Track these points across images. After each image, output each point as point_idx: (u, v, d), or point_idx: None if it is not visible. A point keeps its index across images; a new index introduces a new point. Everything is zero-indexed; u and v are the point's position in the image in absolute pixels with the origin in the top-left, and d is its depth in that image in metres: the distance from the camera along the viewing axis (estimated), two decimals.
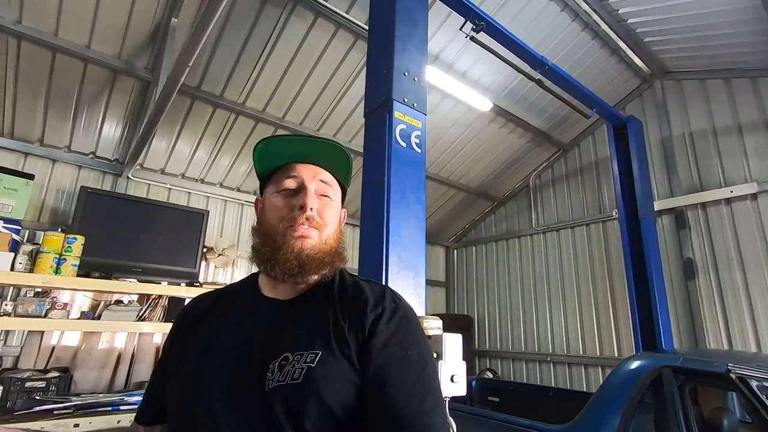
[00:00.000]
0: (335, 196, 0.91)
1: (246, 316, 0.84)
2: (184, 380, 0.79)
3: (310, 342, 0.76)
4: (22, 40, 2.66)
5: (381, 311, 0.79)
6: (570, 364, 4.51)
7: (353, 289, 0.85)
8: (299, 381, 0.70)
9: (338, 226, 0.91)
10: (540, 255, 5.10)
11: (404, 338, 0.77)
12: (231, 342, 0.81)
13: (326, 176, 0.90)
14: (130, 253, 3.16)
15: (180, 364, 0.83)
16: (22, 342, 2.99)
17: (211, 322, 0.86)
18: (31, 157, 3.22)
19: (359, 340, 0.76)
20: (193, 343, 0.84)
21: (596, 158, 4.79)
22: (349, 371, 0.73)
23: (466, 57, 3.62)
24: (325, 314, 0.80)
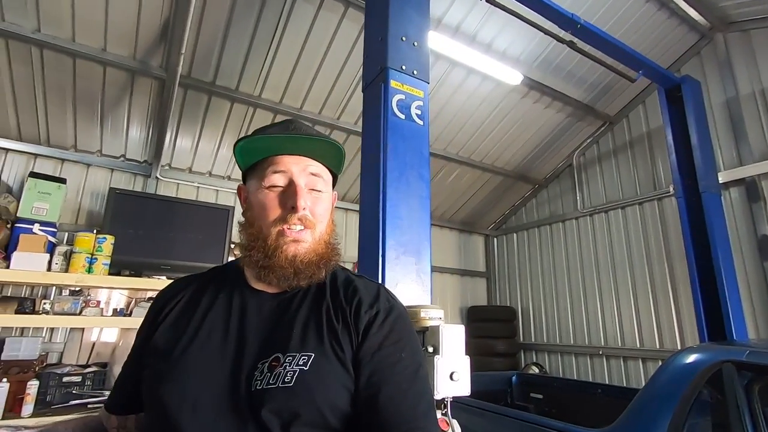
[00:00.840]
0: (326, 188, 0.85)
1: (233, 308, 0.80)
2: (165, 373, 0.73)
3: (303, 343, 0.73)
4: (44, 49, 2.75)
5: (375, 312, 0.77)
6: (625, 358, 4.10)
7: (346, 287, 0.82)
8: (291, 385, 0.68)
9: (330, 218, 0.86)
10: (587, 239, 4.68)
11: (399, 340, 0.76)
12: (217, 335, 0.76)
13: (316, 167, 0.83)
14: (159, 251, 3.23)
15: (160, 355, 0.76)
16: (65, 339, 3.13)
17: (195, 311, 0.80)
18: (67, 163, 3.37)
19: (353, 342, 0.74)
20: (175, 333, 0.78)
21: (648, 129, 4.29)
22: (343, 374, 0.71)
23: (489, 26, 3.34)
24: (318, 314, 0.77)
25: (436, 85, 3.69)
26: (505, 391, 3.41)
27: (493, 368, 4.58)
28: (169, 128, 3.35)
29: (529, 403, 3.24)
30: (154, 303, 0.88)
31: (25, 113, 3.05)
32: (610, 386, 3.01)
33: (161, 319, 0.82)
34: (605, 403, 2.76)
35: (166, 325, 0.81)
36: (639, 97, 4.35)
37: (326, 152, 0.84)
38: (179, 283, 0.89)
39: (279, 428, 0.66)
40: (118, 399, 0.89)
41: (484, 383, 3.35)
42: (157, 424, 0.72)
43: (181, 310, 0.82)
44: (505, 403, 3.30)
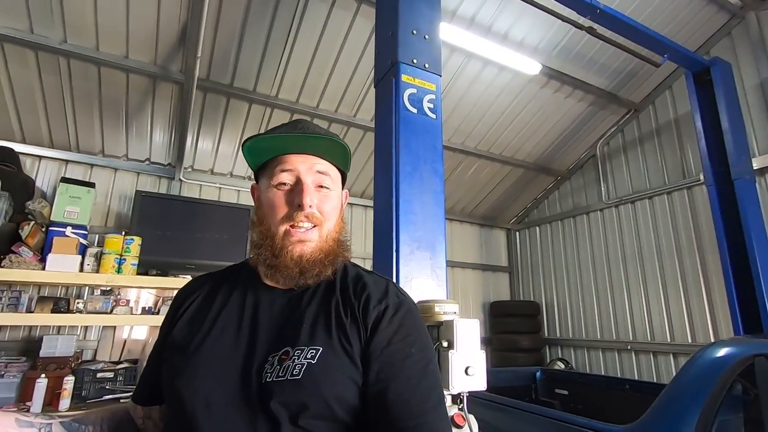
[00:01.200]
0: (334, 185, 0.85)
1: (246, 304, 0.82)
2: (181, 366, 0.76)
3: (312, 337, 0.74)
4: (71, 58, 2.86)
5: (384, 308, 0.77)
6: (655, 353, 3.96)
7: (356, 283, 0.82)
8: (299, 377, 0.69)
9: (340, 214, 0.87)
10: (613, 231, 4.54)
11: (408, 335, 0.76)
12: (230, 330, 0.78)
13: (323, 165, 0.84)
14: (183, 251, 3.32)
15: (177, 349, 0.79)
16: (98, 336, 3.27)
17: (211, 307, 0.83)
18: (95, 168, 3.51)
19: (361, 337, 0.75)
20: (192, 331, 0.81)
21: (676, 115, 4.12)
22: (350, 368, 0.72)
23: (505, 16, 3.27)
24: (327, 309, 0.78)
25: (452, 78, 3.65)
26: (529, 387, 3.35)
27: (517, 364, 4.52)
28: (190, 131, 3.44)
29: (554, 399, 3.18)
30: (174, 300, 0.91)
31: (56, 121, 3.19)
32: (639, 382, 2.92)
33: (179, 315, 0.85)
34: (634, 399, 2.68)
35: (183, 321, 0.84)
36: (665, 83, 4.18)
37: (333, 150, 0.85)
38: (197, 281, 0.93)
39: (287, 420, 0.67)
40: (143, 390, 0.92)
41: (507, 379, 3.31)
42: (175, 415, 0.75)
43: (198, 307, 0.85)
44: (530, 399, 3.25)
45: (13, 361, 2.69)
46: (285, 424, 0.67)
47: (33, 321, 2.83)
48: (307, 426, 0.67)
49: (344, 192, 0.92)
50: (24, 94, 2.97)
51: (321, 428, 0.68)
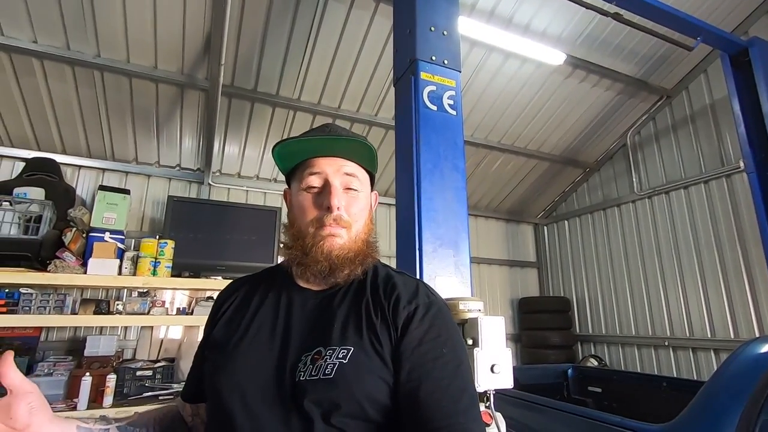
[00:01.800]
0: (362, 187, 0.87)
1: (281, 305, 0.84)
2: (220, 365, 0.80)
3: (343, 337, 0.75)
4: (104, 71, 3.00)
5: (415, 308, 0.77)
6: (695, 349, 3.80)
7: (386, 283, 0.83)
8: (331, 376, 0.70)
9: (368, 216, 0.88)
10: (646, 223, 4.38)
11: (439, 335, 0.76)
12: (266, 330, 0.81)
13: (351, 167, 0.86)
14: (214, 253, 3.43)
15: (217, 348, 0.83)
16: (137, 336, 3.42)
17: (249, 311, 0.86)
18: (130, 175, 3.66)
19: (392, 337, 0.75)
20: (231, 330, 0.84)
21: (712, 100, 3.92)
22: (381, 368, 0.73)
23: (525, 7, 3.20)
24: (358, 309, 0.79)
25: (473, 73, 3.60)
26: (560, 385, 3.28)
27: (548, 361, 4.43)
28: (217, 136, 3.54)
29: (586, 397, 3.11)
30: (215, 301, 0.95)
31: (93, 132, 3.35)
32: (677, 379, 2.82)
33: (220, 316, 0.89)
34: (672, 397, 2.58)
35: (223, 321, 0.88)
36: (699, 67, 3.99)
37: (359, 152, 0.86)
38: (236, 283, 0.96)
39: (320, 418, 0.69)
40: (189, 389, 0.96)
41: (538, 376, 3.26)
42: (215, 410, 0.78)
43: (236, 308, 0.88)
44: (561, 397, 3.19)
45: (61, 360, 2.85)
46: (318, 422, 0.68)
47: (77, 322, 2.99)
48: (339, 424, 0.69)
49: (373, 194, 0.93)
50: (63, 108, 3.13)
51: (353, 427, 0.70)
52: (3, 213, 2.78)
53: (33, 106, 3.06)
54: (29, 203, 2.88)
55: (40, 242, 2.76)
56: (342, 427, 0.69)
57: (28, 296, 2.74)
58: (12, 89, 2.93)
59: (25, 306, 2.71)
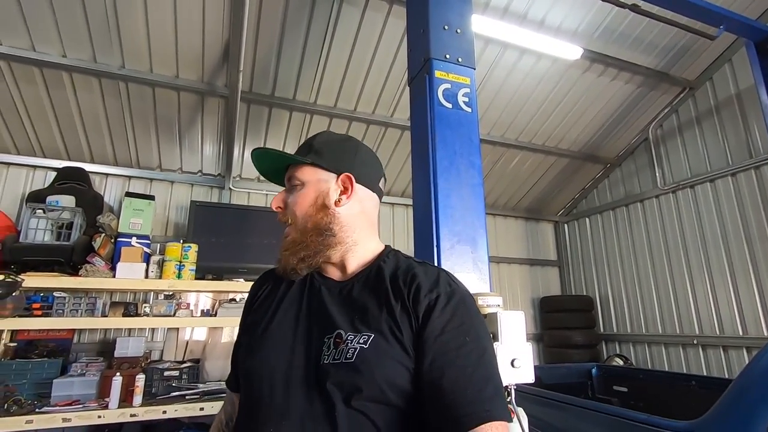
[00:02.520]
0: (303, 180, 0.90)
1: (305, 293, 0.89)
2: (250, 349, 0.86)
3: (364, 324, 0.78)
4: (129, 82, 3.11)
5: (436, 297, 0.78)
6: (725, 348, 3.68)
7: (406, 272, 0.84)
8: (352, 361, 0.73)
9: (314, 204, 0.88)
10: (671, 218, 4.26)
11: (462, 324, 0.76)
12: (290, 316, 0.86)
13: (290, 170, 0.93)
14: (236, 256, 3.50)
15: (249, 335, 0.90)
16: (164, 338, 3.52)
17: (276, 297, 0.91)
18: (155, 182, 3.78)
19: (413, 325, 0.76)
20: (260, 316, 0.90)
21: (737, 90, 3.80)
22: (401, 354, 0.74)
23: (540, 2, 3.18)
24: (378, 297, 0.81)
25: (489, 70, 3.59)
26: (584, 384, 3.23)
27: (571, 361, 4.35)
28: (237, 142, 3.62)
29: (612, 396, 3.04)
30: (250, 291, 1.02)
31: (119, 141, 3.47)
32: (707, 377, 2.73)
33: (252, 304, 0.97)
34: (701, 396, 2.51)
35: (255, 308, 0.95)
36: (723, 56, 3.88)
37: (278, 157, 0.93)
38: (267, 274, 1.02)
39: (341, 400, 0.71)
40: (232, 377, 1.01)
41: (561, 375, 3.21)
42: (245, 392, 0.84)
43: (266, 296, 0.94)
44: (586, 396, 3.13)
45: (93, 361, 2.96)
46: (339, 405, 0.71)
47: (107, 324, 3.09)
48: (360, 407, 0.71)
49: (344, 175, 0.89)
50: (91, 118, 3.26)
51: (373, 410, 0.72)
52: (37, 220, 2.91)
53: (63, 117, 3.20)
54: (61, 211, 3.01)
55: (72, 248, 2.88)
56: (363, 410, 0.71)
57: (62, 300, 2.86)
58: (44, 102, 3.07)
59: (59, 309, 2.83)
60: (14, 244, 2.81)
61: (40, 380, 2.71)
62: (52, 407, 2.50)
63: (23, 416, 2.36)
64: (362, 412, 0.71)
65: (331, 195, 0.89)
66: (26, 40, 2.74)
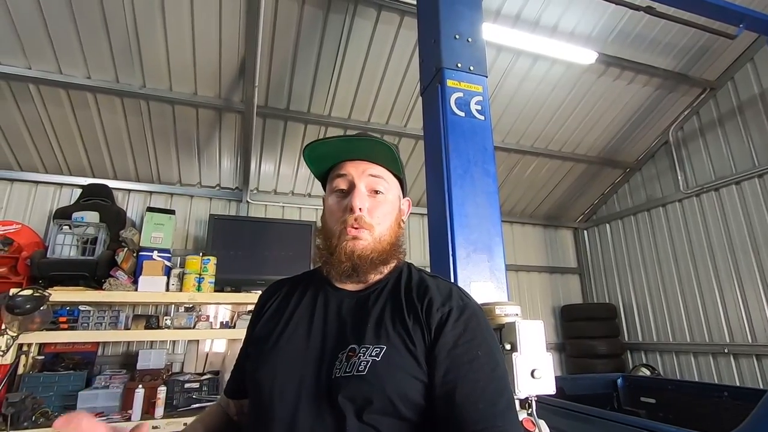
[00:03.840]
0: (389, 190, 0.89)
1: (318, 304, 0.87)
2: (261, 360, 0.83)
3: (376, 336, 0.77)
4: (150, 101, 3.21)
5: (448, 310, 0.78)
6: (759, 356, 3.52)
7: (419, 286, 0.84)
8: (364, 373, 0.72)
9: (395, 220, 0.89)
10: (695, 222, 4.14)
11: (474, 338, 0.76)
12: (303, 328, 0.84)
13: (376, 170, 0.88)
14: (254, 268, 3.54)
15: (258, 345, 0.87)
16: (184, 350, 3.56)
17: (288, 308, 0.90)
18: (175, 196, 3.87)
19: (425, 339, 0.76)
20: (271, 327, 0.88)
21: (761, 89, 3.70)
22: (414, 367, 0.73)
23: (552, 8, 3.17)
24: (391, 310, 0.81)
25: (501, 78, 3.58)
26: (609, 395, 3.13)
27: (595, 371, 4.23)
28: (254, 155, 3.68)
29: (639, 408, 2.94)
30: (258, 300, 0.99)
31: (140, 158, 3.58)
32: (740, 388, 2.62)
33: (262, 315, 0.93)
34: (734, 408, 2.40)
35: (264, 319, 0.92)
36: (745, 55, 3.78)
37: (382, 154, 0.87)
38: (277, 284, 1.00)
39: (353, 414, 0.71)
40: (232, 384, 1.00)
41: (585, 386, 3.11)
42: (255, 404, 0.82)
43: (277, 307, 0.92)
44: (611, 408, 3.03)
45: (116, 373, 3.01)
46: (350, 418, 0.70)
47: (130, 337, 3.15)
48: (371, 421, 0.70)
49: (406, 200, 0.96)
50: (114, 137, 3.37)
51: (385, 424, 0.71)
52: (64, 236, 3.01)
53: (88, 136, 3.32)
54: (86, 226, 3.10)
55: (96, 262, 2.97)
56: (374, 424, 0.70)
57: (86, 313, 2.93)
58: (70, 122, 3.19)
59: (84, 322, 2.90)
60: (42, 259, 2.90)
61: (66, 392, 2.78)
62: None
63: (50, 428, 2.42)
64: (373, 426, 0.70)
65: (402, 214, 0.94)
66: (54, 64, 2.87)
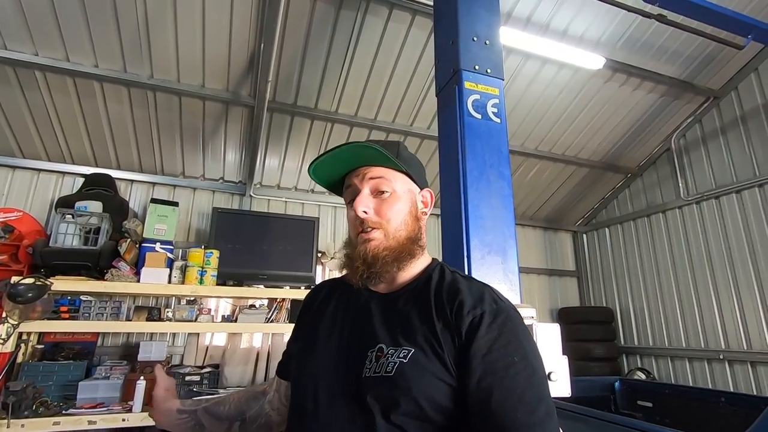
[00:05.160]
0: (394, 187, 0.89)
1: (350, 307, 0.91)
2: (300, 360, 0.90)
3: (405, 338, 0.77)
4: (157, 92, 3.19)
5: (481, 314, 0.76)
6: (753, 363, 3.57)
7: (450, 287, 0.83)
8: (392, 375, 0.73)
9: (409, 214, 0.89)
10: (695, 230, 4.18)
11: (509, 343, 0.74)
12: (337, 330, 0.88)
13: (376, 171, 0.89)
14: (256, 262, 3.53)
15: (300, 345, 0.94)
16: (184, 343, 3.55)
17: (327, 309, 0.94)
18: (178, 188, 3.85)
19: (455, 342, 0.75)
20: (312, 325, 0.94)
21: (765, 100, 3.73)
22: (441, 370, 0.73)
23: (563, 12, 3.18)
24: (420, 311, 0.81)
25: (510, 80, 3.59)
26: (607, 398, 3.16)
27: (591, 374, 4.27)
28: (259, 150, 3.67)
29: (636, 411, 2.98)
30: (304, 301, 1.05)
31: (144, 148, 3.56)
32: (737, 394, 2.65)
33: (306, 315, 1.00)
34: (731, 414, 2.44)
35: (307, 320, 0.98)
36: (750, 65, 3.82)
37: (373, 155, 0.87)
38: (319, 286, 1.06)
39: (380, 414, 0.72)
40: (281, 367, 1.06)
41: (583, 389, 3.14)
42: (294, 402, 0.87)
43: (317, 308, 0.97)
44: (609, 410, 3.07)
45: (117, 364, 3.00)
46: (379, 419, 0.72)
47: (132, 328, 3.14)
48: (398, 422, 0.71)
49: (425, 191, 0.96)
50: (119, 127, 3.35)
51: (412, 426, 0.71)
52: (66, 225, 2.98)
53: (93, 125, 3.29)
54: (89, 216, 3.08)
55: (99, 252, 2.94)
56: (401, 425, 0.71)
57: (88, 303, 2.91)
58: (75, 110, 3.16)
59: (85, 312, 2.89)
60: (44, 248, 2.88)
61: (66, 382, 2.77)
62: (78, 409, 2.54)
63: (51, 417, 2.41)
64: (401, 428, 0.71)
65: (418, 206, 0.93)
66: (61, 52, 2.84)
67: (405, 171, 0.90)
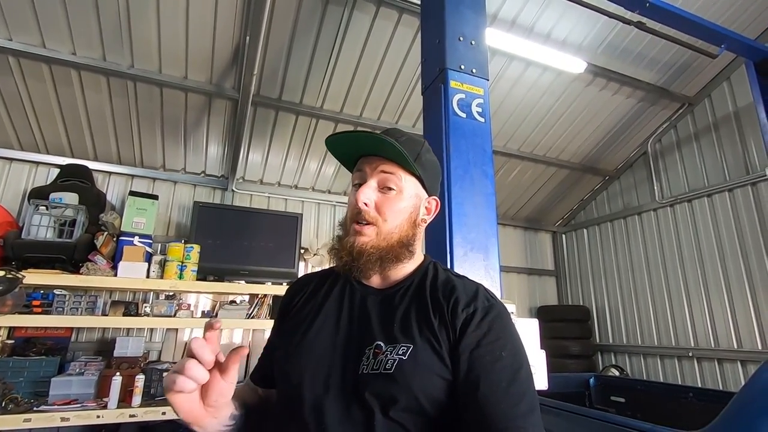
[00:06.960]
0: (402, 188, 0.87)
1: (344, 300, 0.89)
2: (289, 353, 0.85)
3: (403, 335, 0.78)
4: (137, 82, 3.11)
5: (473, 311, 0.78)
6: (720, 360, 3.72)
7: (445, 285, 0.84)
8: (391, 371, 0.73)
9: (408, 218, 0.87)
10: (668, 231, 4.33)
11: (498, 339, 0.76)
12: (330, 323, 0.86)
13: (389, 167, 0.86)
14: (237, 258, 3.49)
15: (287, 338, 0.89)
16: (162, 338, 3.49)
17: (316, 303, 0.91)
18: (158, 181, 3.77)
19: (450, 338, 0.77)
20: (299, 322, 0.89)
21: (736, 108, 3.89)
22: (439, 366, 0.75)
23: (547, 15, 3.24)
24: (417, 309, 0.82)
25: (494, 81, 3.63)
26: (582, 394, 3.25)
27: (567, 370, 4.38)
28: (243, 144, 3.62)
29: (609, 406, 3.07)
30: (287, 294, 1.00)
31: (124, 140, 3.47)
32: (704, 390, 2.77)
33: (291, 308, 0.94)
34: (698, 408, 2.54)
35: (293, 313, 0.93)
36: (722, 74, 3.96)
37: (393, 152, 0.84)
38: (304, 278, 1.01)
39: (379, 410, 0.72)
40: (258, 372, 1.00)
41: (559, 385, 3.23)
42: (283, 396, 0.84)
43: (305, 301, 0.93)
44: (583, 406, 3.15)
45: (91, 360, 2.93)
46: (377, 414, 0.72)
47: (108, 323, 3.07)
48: (397, 418, 0.72)
49: (431, 199, 0.93)
50: (97, 117, 3.26)
51: (410, 421, 0.73)
52: (40, 217, 2.89)
53: (69, 114, 3.19)
54: (64, 208, 2.99)
55: (74, 245, 2.87)
56: (400, 421, 0.72)
57: (62, 297, 2.84)
58: (51, 99, 3.06)
59: (59, 307, 2.81)
60: (16, 240, 2.78)
61: (38, 378, 2.69)
62: (50, 406, 2.47)
63: (21, 414, 2.34)
64: (400, 423, 0.72)
65: (420, 213, 0.91)
66: (37, 37, 2.74)
67: (418, 175, 0.89)
